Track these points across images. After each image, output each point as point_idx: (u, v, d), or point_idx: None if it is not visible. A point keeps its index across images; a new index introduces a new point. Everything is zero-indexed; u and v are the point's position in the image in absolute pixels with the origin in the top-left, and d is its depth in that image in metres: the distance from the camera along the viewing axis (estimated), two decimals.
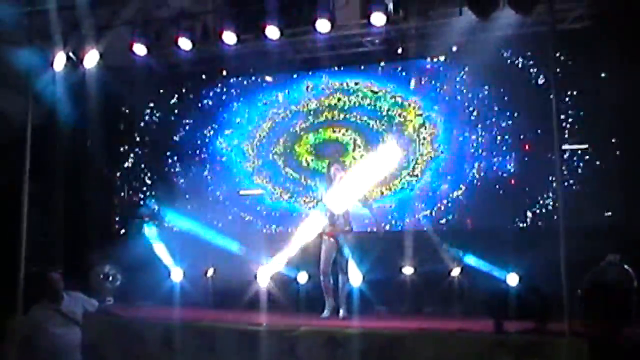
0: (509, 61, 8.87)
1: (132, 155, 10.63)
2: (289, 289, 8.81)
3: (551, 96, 6.63)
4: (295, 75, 9.94)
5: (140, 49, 8.78)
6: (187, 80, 10.34)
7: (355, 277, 7.85)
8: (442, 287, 8.50)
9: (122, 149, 10.62)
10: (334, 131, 9.71)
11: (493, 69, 8.81)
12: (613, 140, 8.34)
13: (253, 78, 10.12)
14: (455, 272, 8.54)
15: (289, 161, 9.92)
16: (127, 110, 10.57)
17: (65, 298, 6.87)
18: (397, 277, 8.61)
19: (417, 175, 9.27)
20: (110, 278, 8.58)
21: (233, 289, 8.89)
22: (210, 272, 9.27)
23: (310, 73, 9.84)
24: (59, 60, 8.38)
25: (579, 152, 8.47)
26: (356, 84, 9.65)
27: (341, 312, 7.57)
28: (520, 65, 8.86)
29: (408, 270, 8.54)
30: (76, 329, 6.85)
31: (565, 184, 8.06)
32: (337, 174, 7.44)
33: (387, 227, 9.02)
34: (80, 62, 8.72)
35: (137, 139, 10.65)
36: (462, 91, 9.10)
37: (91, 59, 8.69)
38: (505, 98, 8.91)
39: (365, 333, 6.61)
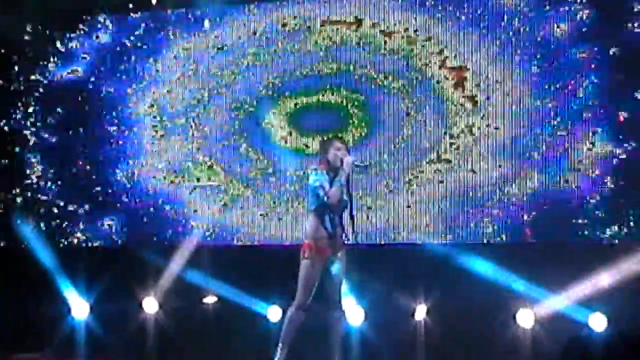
0: None
1: (10, 121, 9.77)
2: (256, 329, 8.24)
3: None
4: (259, 4, 9.16)
5: None
6: (92, 10, 9.52)
7: (353, 312, 7.85)
8: (489, 331, 7.86)
9: None
10: (322, 93, 8.88)
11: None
12: None
13: (193, 10, 9.29)
14: (525, 318, 7.75)
15: (253, 137, 9.03)
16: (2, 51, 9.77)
17: None
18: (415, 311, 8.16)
19: (447, 161, 8.45)
20: None
21: (169, 328, 8.60)
22: (141, 305, 8.81)
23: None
24: None
25: None
26: (356, 18, 8.79)
27: None
28: None
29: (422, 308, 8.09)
30: None
31: None
32: (340, 156, 6.70)
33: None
34: None
35: (17, 98, 9.73)
36: (526, 33, 8.22)
37: None
38: (594, 47, 8.04)
39: None
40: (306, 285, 6.57)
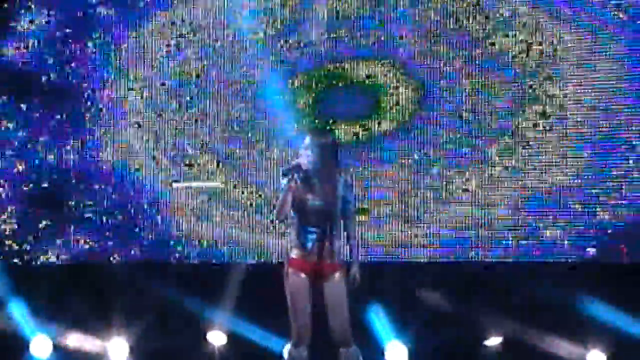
0: None
1: None
2: None
3: None
4: None
5: None
6: None
7: (395, 349, 7.56)
8: None
9: None
10: (355, 66, 8.09)
11: None
12: None
13: None
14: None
15: (263, 126, 8.30)
16: None
17: None
18: (480, 346, 7.68)
19: (523, 165, 7.65)
20: None
21: None
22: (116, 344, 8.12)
23: None
24: None
25: None
26: None
27: None
28: None
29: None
30: None
31: None
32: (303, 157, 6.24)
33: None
34: None
35: None
36: None
37: None
38: None
39: None
40: (293, 313, 5.94)
